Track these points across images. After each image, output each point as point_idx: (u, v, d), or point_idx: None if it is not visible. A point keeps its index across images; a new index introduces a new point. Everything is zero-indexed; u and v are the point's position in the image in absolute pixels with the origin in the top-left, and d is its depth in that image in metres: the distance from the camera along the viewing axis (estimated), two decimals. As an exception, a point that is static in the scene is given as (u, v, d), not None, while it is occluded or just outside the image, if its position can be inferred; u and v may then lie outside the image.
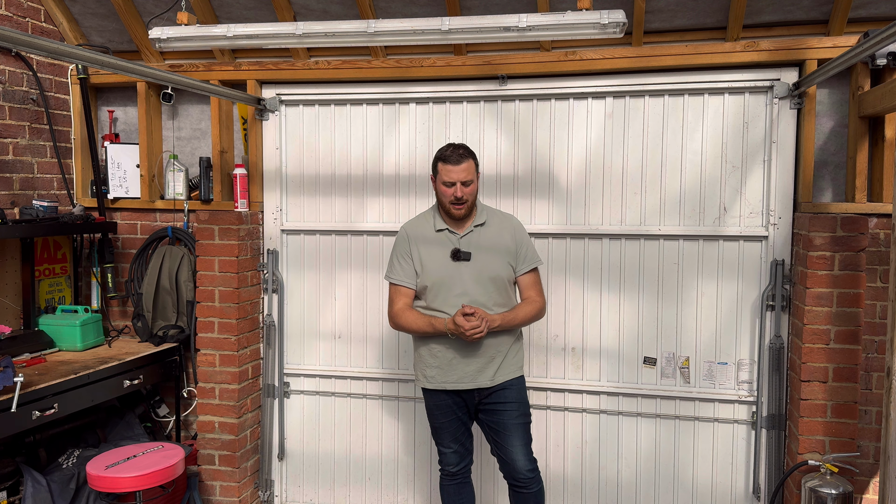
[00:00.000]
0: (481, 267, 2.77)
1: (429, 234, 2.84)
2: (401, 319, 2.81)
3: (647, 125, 3.32)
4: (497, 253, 2.80)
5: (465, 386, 2.78)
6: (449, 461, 2.92)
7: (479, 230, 2.82)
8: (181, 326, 3.73)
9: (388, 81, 3.51)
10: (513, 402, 2.81)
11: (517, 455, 2.79)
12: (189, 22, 2.96)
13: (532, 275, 2.87)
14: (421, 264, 2.81)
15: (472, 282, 2.75)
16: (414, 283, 2.84)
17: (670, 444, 3.39)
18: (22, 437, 3.16)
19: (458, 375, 2.77)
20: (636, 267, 3.36)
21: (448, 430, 2.88)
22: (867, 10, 3.02)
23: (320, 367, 3.73)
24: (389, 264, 2.91)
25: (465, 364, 2.76)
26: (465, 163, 2.71)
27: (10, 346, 3.24)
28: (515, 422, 2.81)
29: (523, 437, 2.82)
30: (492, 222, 2.86)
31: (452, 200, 2.74)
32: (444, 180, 2.73)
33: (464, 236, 2.81)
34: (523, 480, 2.80)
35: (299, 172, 3.69)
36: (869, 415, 3.14)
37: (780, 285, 3.18)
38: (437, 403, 2.86)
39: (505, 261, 2.80)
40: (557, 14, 2.62)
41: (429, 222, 2.87)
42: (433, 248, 2.81)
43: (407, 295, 2.85)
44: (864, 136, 3.06)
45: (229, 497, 3.54)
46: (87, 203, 3.87)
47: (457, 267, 2.77)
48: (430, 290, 2.79)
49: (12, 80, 3.52)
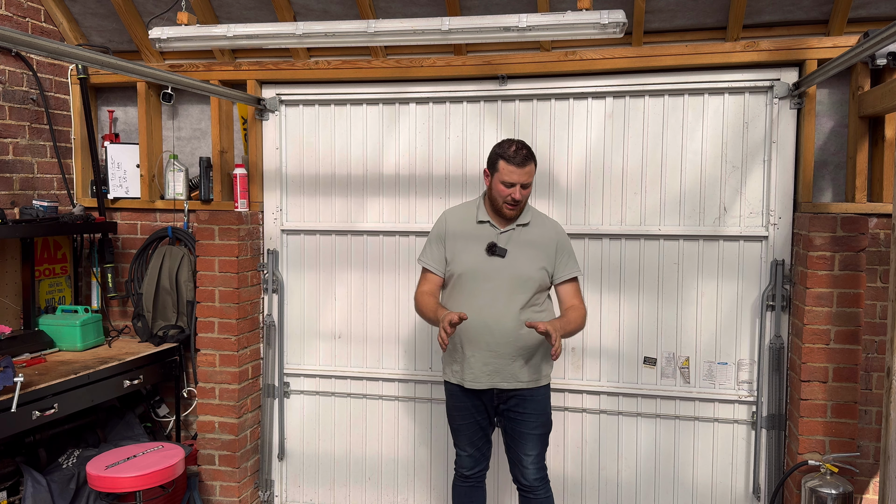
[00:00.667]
0: (514, 266, 2.69)
1: (469, 224, 2.78)
2: (417, 302, 2.78)
3: (647, 125, 3.32)
4: (534, 255, 2.72)
5: (481, 385, 2.72)
6: (463, 464, 2.88)
7: (520, 229, 2.75)
8: (181, 326, 3.73)
9: (388, 81, 3.51)
10: (531, 414, 2.75)
11: (527, 463, 2.78)
12: (189, 22, 2.96)
13: (573, 284, 2.79)
14: (453, 252, 2.75)
15: (502, 280, 2.68)
16: (441, 271, 2.79)
17: (670, 444, 3.39)
18: (22, 437, 3.15)
19: (474, 374, 2.72)
20: (636, 267, 3.36)
21: (465, 433, 2.84)
22: (867, 10, 3.02)
23: (320, 367, 3.73)
24: (424, 247, 2.87)
25: (483, 364, 2.70)
26: (528, 166, 2.63)
27: (10, 346, 3.24)
28: (532, 432, 2.76)
29: (537, 447, 2.78)
30: (535, 224, 2.79)
31: (508, 202, 2.66)
32: (504, 180, 2.63)
33: (504, 232, 2.73)
34: (530, 487, 2.80)
35: (299, 172, 3.69)
36: (869, 415, 3.14)
37: (780, 285, 3.18)
38: (456, 405, 2.82)
39: (540, 265, 2.72)
40: (557, 14, 2.62)
41: (472, 212, 2.80)
42: (470, 237, 2.75)
43: (432, 281, 2.80)
44: (864, 136, 3.06)
45: (229, 497, 3.54)
46: (87, 203, 3.87)
47: (489, 261, 2.70)
48: (457, 280, 2.74)
49: (12, 80, 3.52)
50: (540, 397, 2.77)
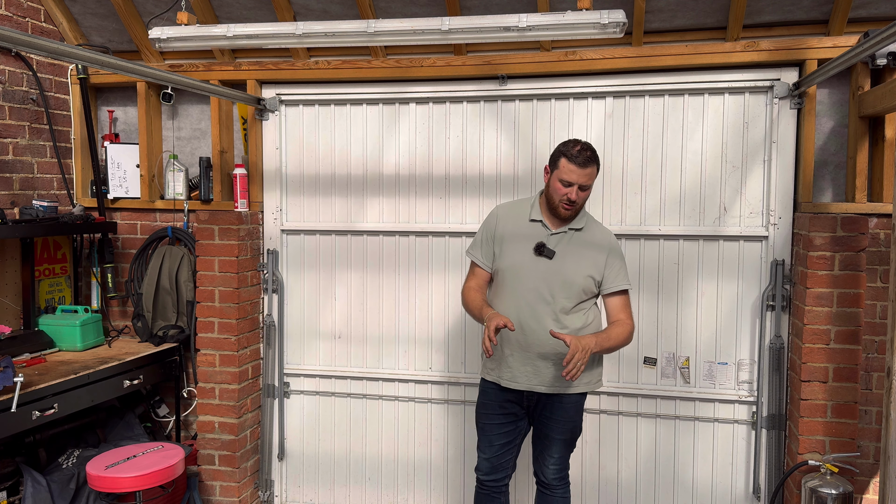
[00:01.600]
0: (560, 269, 2.63)
1: (521, 221, 2.73)
2: (464, 297, 2.76)
3: (647, 125, 3.32)
4: (582, 261, 2.65)
5: (519, 386, 2.67)
6: (480, 467, 2.83)
7: (572, 233, 2.68)
8: (181, 326, 3.73)
9: (388, 81, 3.51)
10: (559, 420, 2.71)
11: (549, 463, 2.78)
12: (189, 22, 2.96)
13: (622, 297, 2.70)
14: (502, 248, 2.71)
15: (545, 281, 2.62)
16: (489, 266, 2.76)
17: (670, 444, 3.39)
18: (22, 437, 3.15)
19: (512, 373, 2.68)
20: (636, 267, 3.36)
21: (487, 435, 2.79)
22: (867, 10, 3.02)
23: (320, 367, 3.73)
24: (473, 240, 2.84)
25: (521, 364, 2.66)
26: (590, 168, 2.56)
27: (10, 346, 3.24)
28: (558, 437, 2.74)
29: (562, 451, 2.77)
30: (589, 231, 2.71)
31: (564, 201, 2.59)
32: (563, 178, 2.57)
33: (555, 234, 2.67)
34: (548, 485, 2.80)
35: (299, 172, 3.69)
36: (869, 415, 3.14)
37: (781, 285, 3.18)
38: (484, 402, 2.79)
39: (588, 272, 2.65)
40: (557, 14, 2.61)
41: (525, 210, 2.75)
42: (520, 234, 2.69)
43: (480, 276, 2.77)
44: (864, 136, 3.06)
45: (229, 497, 3.54)
46: (87, 203, 3.87)
47: (536, 261, 2.64)
48: (500, 275, 2.71)
49: (12, 80, 3.52)
50: (570, 404, 2.71)
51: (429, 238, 3.55)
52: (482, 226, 2.82)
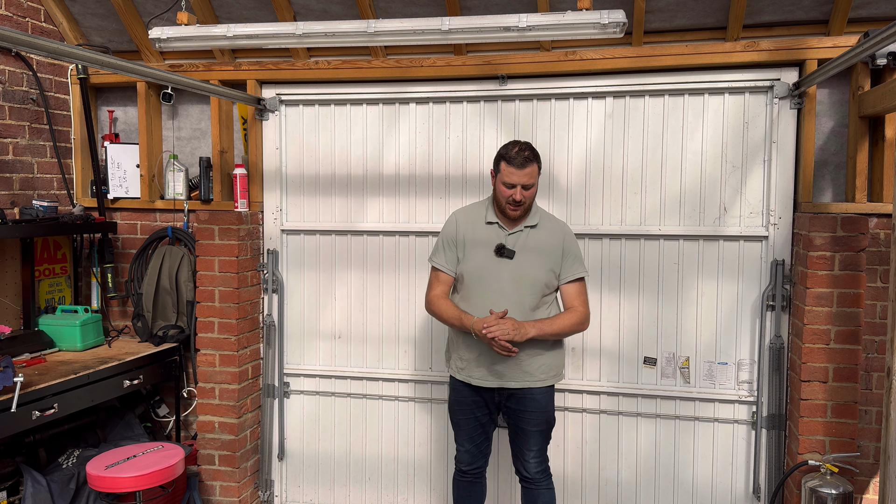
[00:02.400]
0: (522, 267, 2.73)
1: (478, 224, 2.82)
2: (434, 306, 2.82)
3: (647, 125, 3.32)
4: (542, 257, 2.75)
5: (489, 384, 2.77)
6: (461, 459, 2.94)
7: (528, 231, 2.78)
8: (181, 326, 3.73)
9: (388, 81, 3.51)
10: (533, 412, 2.79)
11: (529, 457, 2.84)
12: (189, 22, 2.96)
13: (577, 284, 2.81)
14: (464, 252, 2.80)
15: (510, 280, 2.72)
16: (454, 271, 2.83)
17: (670, 444, 3.39)
18: (22, 437, 3.16)
19: (483, 372, 2.76)
20: (636, 267, 3.36)
21: (464, 428, 2.89)
22: (867, 10, 3.02)
23: (320, 367, 3.73)
24: (434, 247, 2.91)
25: (491, 362, 2.74)
26: (529, 167, 2.65)
27: (10, 346, 3.24)
28: (534, 429, 2.81)
29: (539, 443, 2.84)
30: (543, 226, 2.82)
31: (510, 202, 2.69)
32: (505, 181, 2.67)
33: (512, 234, 2.77)
34: (532, 480, 2.86)
35: (299, 172, 3.69)
36: (869, 415, 3.14)
37: (781, 285, 3.18)
38: (458, 399, 2.87)
39: (548, 266, 2.75)
40: (557, 14, 2.61)
41: (481, 213, 2.85)
42: (480, 238, 2.79)
43: (445, 282, 2.84)
44: (864, 136, 3.06)
45: (229, 497, 3.54)
46: (87, 203, 3.87)
47: (498, 263, 2.74)
48: (466, 280, 2.78)
49: (12, 80, 3.52)
50: (542, 396, 2.80)
51: (429, 238, 3.55)
52: (442, 232, 2.89)
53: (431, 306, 2.83)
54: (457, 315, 2.73)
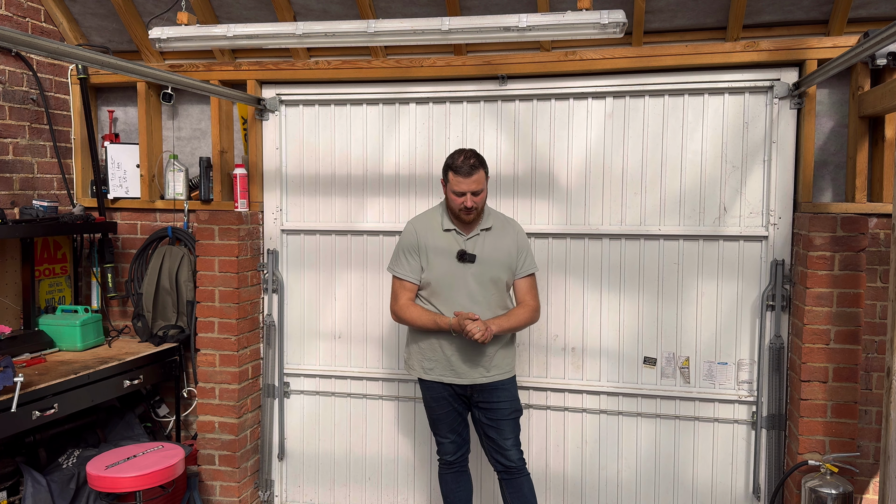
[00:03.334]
0: (485, 269, 2.86)
1: (436, 233, 2.91)
2: (405, 314, 2.90)
3: (647, 125, 3.32)
4: (500, 257, 2.89)
5: (461, 381, 2.89)
6: (446, 450, 3.02)
7: (484, 234, 2.90)
8: (181, 326, 3.73)
9: (388, 81, 3.51)
10: (506, 402, 2.92)
11: (508, 446, 2.92)
12: (189, 22, 2.96)
13: (529, 280, 2.97)
14: (427, 261, 2.89)
15: (475, 283, 2.85)
16: (418, 279, 2.92)
17: (670, 444, 3.39)
18: (22, 437, 3.16)
19: (455, 371, 2.88)
20: (636, 267, 3.36)
21: (445, 420, 2.98)
22: (867, 10, 3.02)
23: (320, 367, 3.73)
24: (395, 257, 2.97)
25: (461, 361, 2.87)
26: (475, 174, 2.75)
27: (10, 346, 3.24)
28: (509, 418, 2.92)
29: (514, 430, 2.95)
30: (496, 227, 2.94)
31: (462, 209, 2.80)
32: (455, 189, 2.78)
33: (470, 238, 2.89)
34: (515, 468, 2.92)
35: (299, 172, 3.69)
36: (869, 415, 3.14)
37: (780, 285, 3.18)
38: (434, 396, 2.96)
39: (506, 265, 2.90)
40: (557, 14, 2.61)
41: (436, 221, 2.94)
42: (440, 246, 2.89)
43: (411, 290, 2.94)
44: (864, 136, 3.06)
45: (229, 497, 3.54)
46: (87, 203, 3.87)
47: (462, 268, 2.85)
48: (433, 287, 2.89)
49: (12, 80, 3.52)
50: (510, 386, 2.95)
51: (429, 238, 3.55)
52: (401, 242, 2.96)
53: (401, 314, 2.91)
54: (431, 318, 2.84)
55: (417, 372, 2.98)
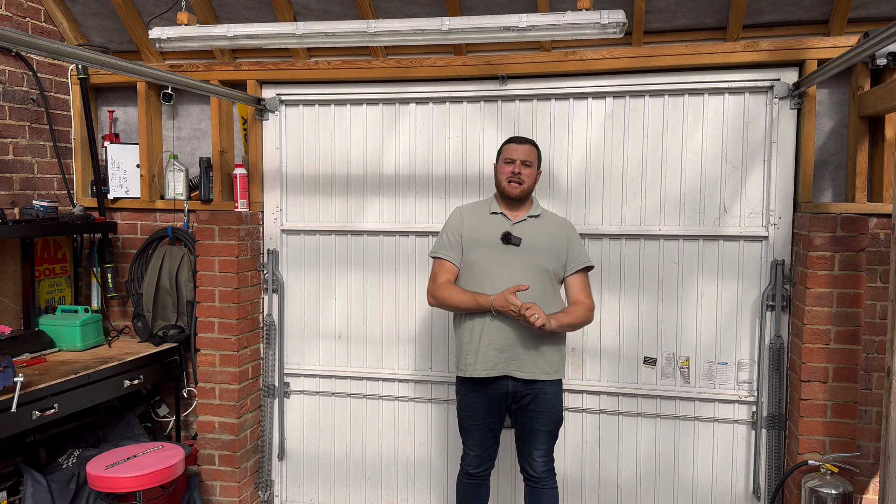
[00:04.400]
0: (530, 256, 2.75)
1: (482, 216, 2.87)
2: (443, 293, 2.77)
3: (647, 125, 3.32)
4: (547, 244, 2.79)
5: (498, 372, 2.72)
6: (469, 462, 2.90)
7: (532, 220, 2.83)
8: (181, 326, 3.73)
9: (388, 81, 3.51)
10: (543, 411, 2.78)
11: (536, 456, 2.83)
12: (189, 22, 2.96)
13: (582, 276, 2.84)
14: (469, 241, 2.81)
15: (519, 269, 2.73)
16: (459, 260, 2.83)
17: (670, 444, 3.39)
18: (22, 437, 3.15)
19: (492, 362, 2.72)
20: (636, 267, 3.36)
21: (474, 433, 2.85)
22: (867, 10, 3.02)
23: (320, 367, 3.73)
24: (437, 240, 2.93)
25: (499, 350, 2.71)
26: (528, 145, 2.80)
27: (10, 346, 3.24)
28: (543, 429, 2.81)
29: (547, 442, 2.84)
30: (546, 217, 2.89)
31: (509, 176, 2.75)
32: (505, 157, 2.79)
33: (517, 223, 2.81)
34: (538, 479, 2.85)
35: (299, 172, 3.69)
36: (869, 415, 3.14)
37: (781, 285, 3.18)
38: (469, 405, 2.83)
39: (554, 255, 2.79)
40: (557, 14, 2.61)
41: (485, 206, 2.91)
42: (485, 228, 2.82)
43: (451, 271, 2.84)
44: (864, 136, 3.06)
45: (229, 497, 3.54)
46: (87, 203, 3.87)
47: (505, 251, 2.75)
48: (473, 269, 2.77)
49: (12, 80, 3.52)
50: (551, 394, 2.79)
51: (429, 238, 3.55)
52: (445, 227, 2.92)
53: (439, 293, 2.78)
54: (470, 296, 2.70)
55: (459, 370, 2.83)
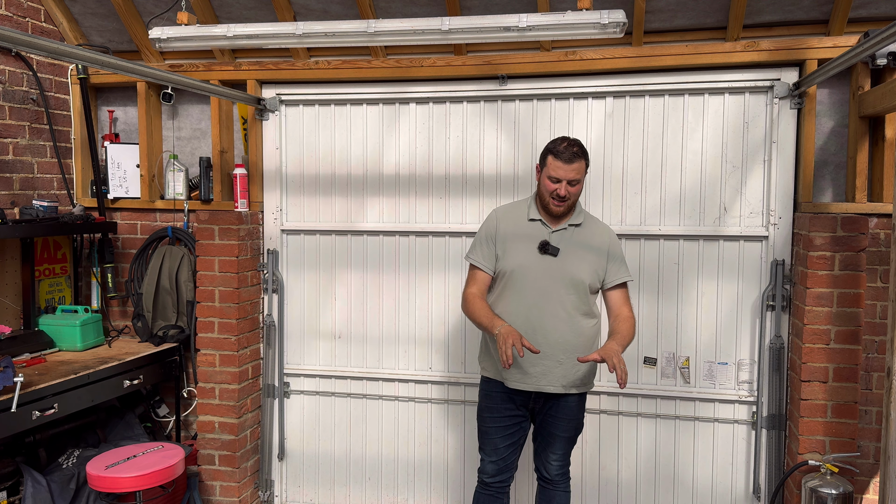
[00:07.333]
0: (566, 267, 2.63)
1: (520, 221, 2.72)
2: (469, 305, 2.68)
3: (647, 125, 3.32)
4: (586, 257, 2.66)
5: (526, 387, 2.65)
6: (485, 469, 2.79)
7: (573, 229, 2.69)
8: (181, 326, 3.73)
9: (388, 81, 3.51)
10: (564, 418, 2.72)
11: (552, 460, 2.80)
12: (189, 22, 2.96)
13: (623, 291, 2.72)
14: (504, 249, 2.68)
15: (553, 279, 2.62)
16: (492, 269, 2.71)
17: (670, 444, 3.39)
18: (22, 437, 3.15)
19: (522, 374, 2.63)
20: (636, 267, 3.36)
21: (492, 438, 2.76)
22: (867, 10, 3.02)
23: (320, 367, 3.73)
24: (473, 244, 2.80)
25: (531, 365, 2.62)
26: (576, 163, 2.56)
27: (10, 346, 3.24)
28: (562, 435, 2.75)
29: (565, 447, 2.80)
30: (588, 225, 2.73)
31: (554, 197, 2.59)
32: (551, 175, 2.58)
33: (556, 231, 2.67)
34: (551, 481, 2.83)
35: (299, 172, 3.69)
36: (869, 415, 3.14)
37: (781, 285, 3.18)
38: (490, 405, 2.75)
39: (593, 267, 2.66)
40: (557, 14, 2.61)
41: (523, 210, 2.75)
42: (521, 235, 2.68)
43: (483, 281, 2.72)
44: (864, 136, 3.06)
45: (229, 497, 3.54)
46: (87, 203, 3.87)
47: (542, 260, 2.63)
48: (507, 278, 2.66)
49: (12, 80, 3.52)
50: (574, 404, 2.73)
51: (429, 238, 3.55)
52: (481, 229, 2.79)
53: (466, 306, 2.70)
54: (488, 319, 2.57)
55: (484, 369, 2.76)
